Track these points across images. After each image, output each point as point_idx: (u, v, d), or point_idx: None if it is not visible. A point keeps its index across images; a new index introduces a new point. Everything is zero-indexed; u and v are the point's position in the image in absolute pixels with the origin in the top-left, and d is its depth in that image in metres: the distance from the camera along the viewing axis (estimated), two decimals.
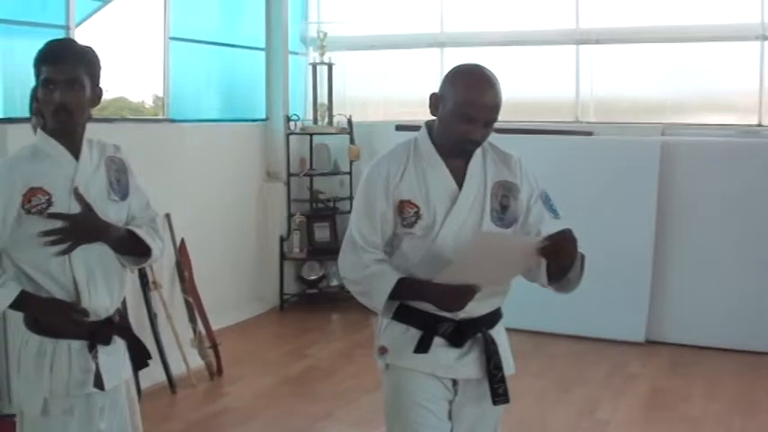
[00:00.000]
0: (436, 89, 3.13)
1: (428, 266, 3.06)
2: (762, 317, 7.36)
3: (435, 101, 3.10)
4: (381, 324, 3.23)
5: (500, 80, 3.07)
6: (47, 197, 3.02)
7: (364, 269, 3.10)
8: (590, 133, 8.23)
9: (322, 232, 8.87)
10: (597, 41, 8.43)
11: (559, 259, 2.98)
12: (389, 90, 9.31)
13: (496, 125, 3.15)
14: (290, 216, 8.77)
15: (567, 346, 7.48)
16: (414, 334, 3.12)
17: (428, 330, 3.11)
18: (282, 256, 8.69)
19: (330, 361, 7.14)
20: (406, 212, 3.08)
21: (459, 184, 3.11)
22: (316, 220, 8.87)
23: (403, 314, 3.15)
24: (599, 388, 6.53)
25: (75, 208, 3.04)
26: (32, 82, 3.10)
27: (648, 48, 8.32)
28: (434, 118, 3.15)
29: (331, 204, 8.95)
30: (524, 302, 4.38)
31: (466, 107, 3.00)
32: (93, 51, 3.12)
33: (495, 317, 3.22)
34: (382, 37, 9.18)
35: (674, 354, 7.35)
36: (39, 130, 3.12)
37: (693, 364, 7.11)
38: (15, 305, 3.03)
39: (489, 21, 8.79)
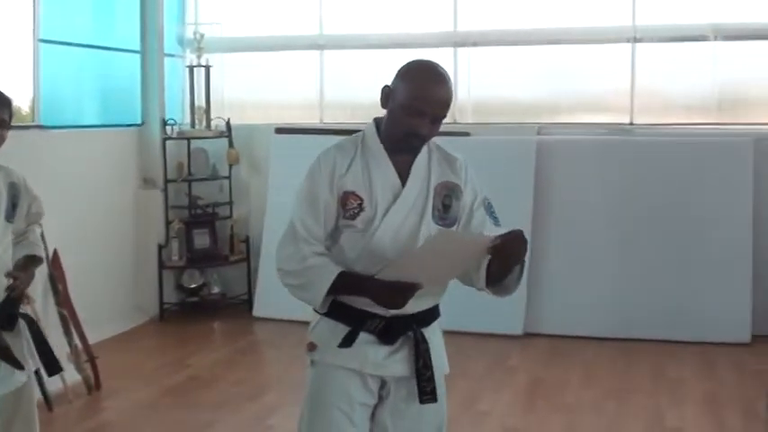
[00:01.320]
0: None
1: (365, 262, 3.03)
2: (631, 305, 7.73)
3: (386, 94, 3.09)
4: (312, 321, 3.18)
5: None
6: None
7: (303, 261, 3.03)
8: (467, 134, 8.31)
9: (201, 239, 8.71)
10: (475, 44, 8.53)
11: (508, 259, 2.96)
12: (268, 92, 9.21)
13: None
14: (168, 223, 8.59)
15: (448, 341, 7.51)
16: (342, 330, 3.07)
17: (356, 326, 3.06)
18: (161, 265, 8.51)
19: (212, 370, 7.04)
20: (349, 204, 3.04)
21: (403, 181, 3.08)
22: (195, 227, 8.71)
23: (333, 310, 3.09)
24: (479, 381, 6.65)
25: None
26: None
27: (524, 50, 8.52)
28: (382, 115, 3.13)
29: (210, 210, 8.80)
30: None
31: (416, 101, 2.98)
32: None
33: (429, 315, 3.20)
34: (260, 39, 9.08)
35: (552, 345, 7.59)
36: None
37: (569, 353, 7.36)
38: None
39: (368, 23, 8.78)
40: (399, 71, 3.10)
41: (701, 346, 7.35)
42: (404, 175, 3.09)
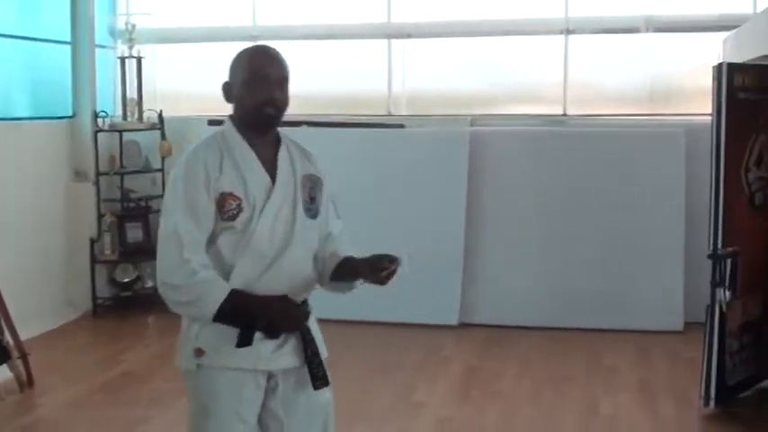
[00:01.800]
0: None
1: (245, 262, 3.05)
2: (565, 295, 7.80)
3: (227, 88, 3.16)
4: (192, 327, 3.14)
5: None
6: None
7: (192, 275, 2.97)
8: (402, 126, 8.34)
9: (134, 233, 8.61)
10: (408, 36, 8.55)
11: (385, 279, 3.11)
12: (201, 84, 9.10)
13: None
14: (101, 217, 8.48)
15: (383, 333, 7.61)
16: (228, 331, 3.05)
17: (245, 325, 3.05)
18: (93, 259, 8.40)
19: (146, 365, 6.97)
20: (227, 205, 3.02)
21: (271, 175, 3.11)
22: (127, 221, 8.61)
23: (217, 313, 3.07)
24: (415, 372, 6.68)
25: None
26: None
27: (458, 42, 8.56)
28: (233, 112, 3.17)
29: (143, 203, 8.69)
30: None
31: (258, 70, 3.07)
32: None
33: (305, 305, 3.22)
34: (193, 30, 9.00)
35: (487, 334, 7.63)
36: None
37: (505, 343, 7.41)
38: None
39: (302, 14, 8.75)
40: (232, 62, 3.17)
41: (635, 334, 7.44)
42: (270, 171, 3.11)
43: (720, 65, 5.60)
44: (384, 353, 7.14)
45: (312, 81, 8.55)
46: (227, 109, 3.21)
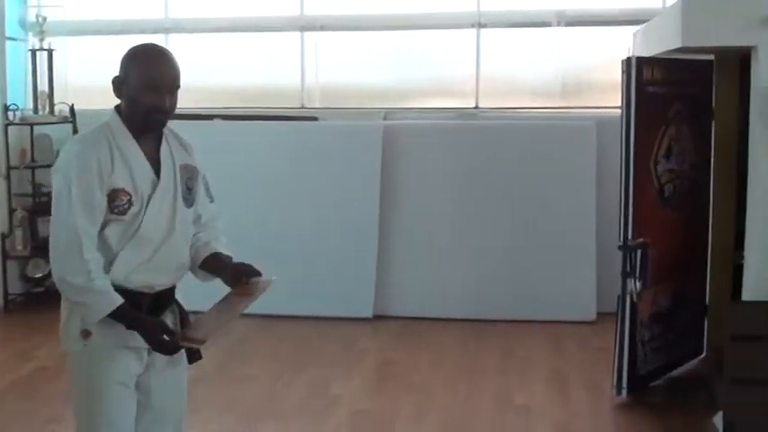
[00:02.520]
0: None
1: (131, 250, 3.20)
2: (479, 287, 7.86)
3: (119, 84, 3.25)
4: (78, 310, 3.27)
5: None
6: None
7: (90, 280, 3.12)
8: (315, 119, 8.35)
9: (46, 227, 8.28)
10: (321, 28, 8.54)
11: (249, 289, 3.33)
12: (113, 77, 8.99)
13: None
14: (12, 212, 8.34)
15: (297, 327, 7.58)
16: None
17: (133, 307, 3.21)
18: (5, 255, 8.27)
19: (59, 361, 6.76)
20: (119, 200, 3.16)
21: (154, 169, 3.25)
22: (39, 215, 8.46)
23: None
24: (331, 365, 6.71)
25: None
26: None
27: (371, 35, 8.58)
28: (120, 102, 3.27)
29: None
30: None
31: (151, 77, 3.17)
32: None
33: (175, 288, 3.42)
34: (104, 22, 8.88)
35: (402, 327, 7.66)
36: None
37: (419, 335, 7.46)
38: None
39: (214, 6, 8.68)
40: (124, 59, 3.28)
41: (548, 325, 7.53)
42: (154, 165, 3.26)
43: (629, 59, 5.69)
44: (298, 347, 7.13)
45: (225, 74, 8.53)
46: None
